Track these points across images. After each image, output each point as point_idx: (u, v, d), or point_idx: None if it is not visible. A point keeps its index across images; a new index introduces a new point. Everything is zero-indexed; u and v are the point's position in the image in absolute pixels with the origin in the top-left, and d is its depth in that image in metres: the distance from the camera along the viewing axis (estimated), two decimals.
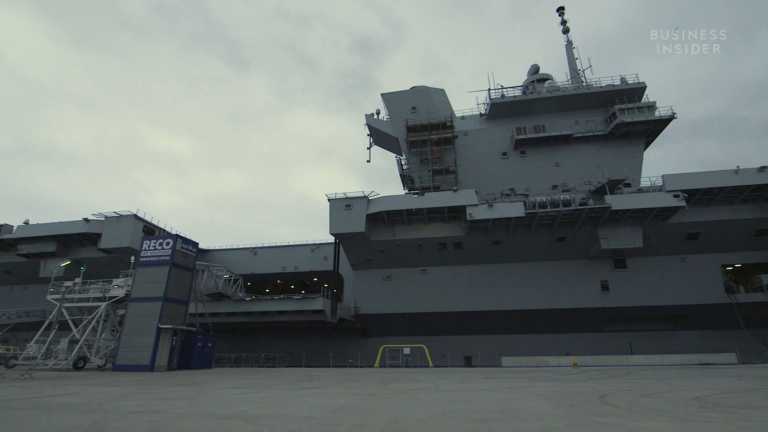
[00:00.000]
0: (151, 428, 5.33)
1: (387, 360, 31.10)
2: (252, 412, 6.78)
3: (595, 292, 31.13)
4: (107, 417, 6.24)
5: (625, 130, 34.23)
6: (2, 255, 39.95)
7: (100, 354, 24.41)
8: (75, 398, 8.94)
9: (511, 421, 5.68)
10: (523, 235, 30.98)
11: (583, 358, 27.56)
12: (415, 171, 37.91)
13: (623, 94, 35.29)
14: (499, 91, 38.16)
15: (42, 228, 37.43)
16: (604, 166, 33.01)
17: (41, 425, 5.54)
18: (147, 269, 24.24)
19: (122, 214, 34.90)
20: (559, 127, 35.80)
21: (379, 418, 5.99)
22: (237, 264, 39.51)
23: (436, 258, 33.02)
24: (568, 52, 43.07)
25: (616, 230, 29.84)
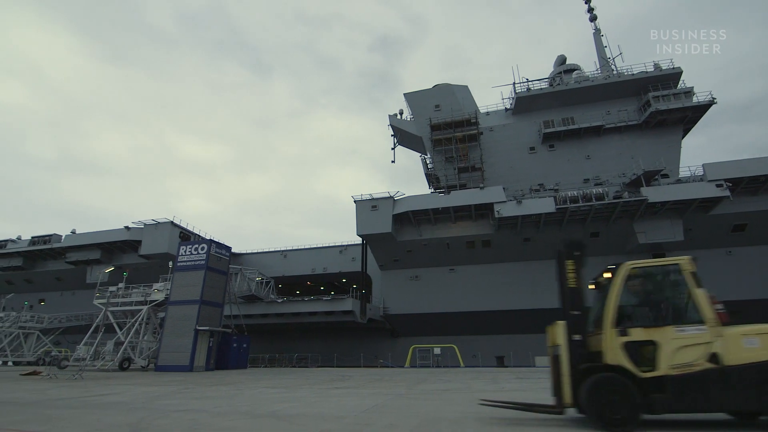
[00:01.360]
0: (191, 426, 5.56)
1: (417, 360, 31.00)
2: (286, 411, 6.94)
3: None
4: (151, 415, 6.55)
5: (660, 119, 32.63)
6: (52, 263, 42.67)
7: (143, 355, 25.61)
8: (121, 397, 9.44)
9: (545, 422, 5.56)
10: (554, 231, 30.10)
11: None
12: (441, 169, 37.59)
13: (657, 80, 33.66)
14: (525, 84, 37.28)
15: (87, 237, 39.68)
16: (639, 157, 31.59)
17: (91, 422, 5.88)
18: (184, 273, 25.23)
19: (160, 222, 36.49)
20: (590, 119, 34.54)
21: (410, 419, 6.00)
22: (268, 266, 40.46)
23: (465, 257, 32.62)
24: (596, 40, 41.55)
25: (655, 224, 28.50)
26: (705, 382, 4.82)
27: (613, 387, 5.05)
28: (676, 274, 5.55)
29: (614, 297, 5.55)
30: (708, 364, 4.87)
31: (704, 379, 4.83)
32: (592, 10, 42.61)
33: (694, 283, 5.35)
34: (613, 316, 5.43)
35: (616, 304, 5.51)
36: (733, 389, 4.73)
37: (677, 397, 4.88)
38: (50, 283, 44.33)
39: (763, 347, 4.79)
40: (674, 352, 5.01)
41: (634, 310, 5.63)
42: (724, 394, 4.77)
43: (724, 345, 4.90)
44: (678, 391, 4.88)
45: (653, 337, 5.16)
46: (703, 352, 4.95)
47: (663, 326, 5.20)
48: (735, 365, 4.79)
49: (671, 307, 5.45)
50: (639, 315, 5.59)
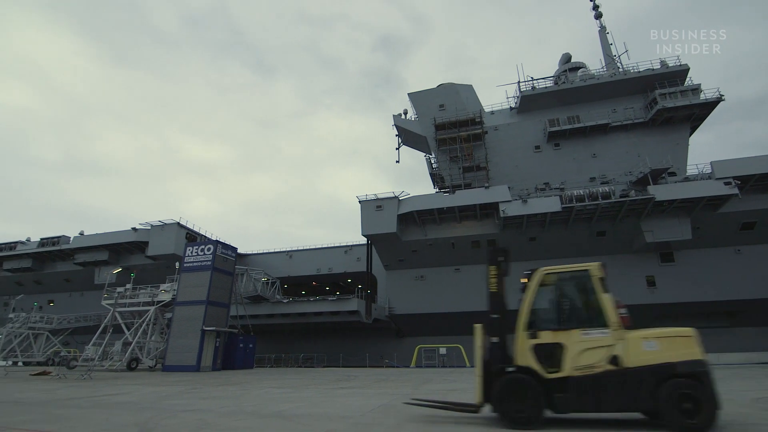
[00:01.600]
0: (198, 426, 5.60)
1: (423, 360, 30.96)
2: (292, 411, 6.97)
3: (640, 288, 29.59)
4: (159, 415, 6.60)
5: (667, 116, 32.32)
6: (61, 264, 43.13)
7: (151, 355, 25.83)
8: (129, 397, 9.52)
9: (554, 423, 5.53)
10: (560, 230, 29.93)
11: None
12: (445, 169, 37.50)
13: (664, 78, 33.33)
14: (529, 83, 37.08)
15: (95, 238, 40.06)
16: (646, 155, 31.30)
17: (100, 422, 5.94)
18: (190, 274, 25.41)
19: (166, 223, 36.76)
20: (595, 117, 34.29)
21: (416, 419, 5.99)
22: (274, 267, 40.60)
23: (470, 256, 32.51)
24: (602, 38, 41.24)
25: (662, 222, 28.24)
26: (604, 383, 5.01)
27: (520, 387, 5.29)
28: (586, 280, 5.66)
29: (527, 301, 5.84)
30: (608, 366, 5.06)
31: (603, 380, 5.02)
32: (597, 7, 42.31)
33: (601, 289, 5.48)
34: (525, 320, 5.70)
35: (529, 308, 5.78)
36: (629, 390, 4.92)
37: (578, 397, 5.09)
38: (59, 285, 44.82)
39: (661, 350, 4.97)
40: (578, 354, 5.21)
41: (546, 313, 5.77)
42: (621, 395, 4.96)
43: (624, 348, 5.08)
44: (579, 391, 5.08)
45: (560, 340, 5.36)
46: (604, 354, 5.13)
47: (570, 329, 5.40)
48: (633, 367, 4.97)
49: (579, 311, 5.67)
50: (549, 318, 5.72)
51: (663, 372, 4.88)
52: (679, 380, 4.82)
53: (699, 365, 4.89)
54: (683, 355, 4.94)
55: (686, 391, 4.76)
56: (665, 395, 4.78)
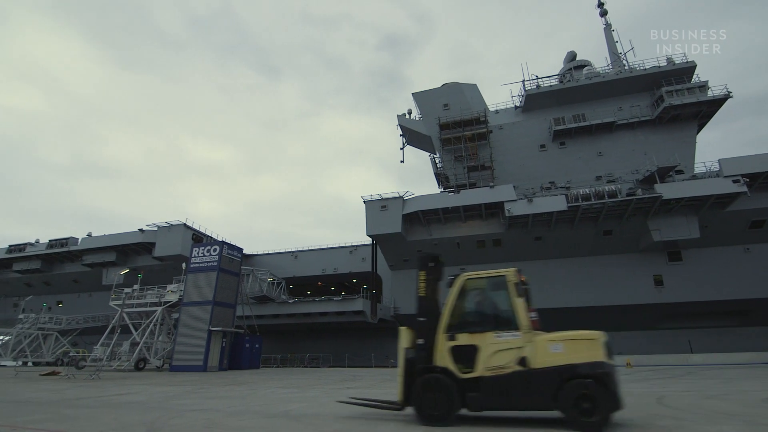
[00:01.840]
0: (206, 426, 5.63)
1: None
2: (299, 411, 6.98)
3: (647, 288, 29.35)
4: (166, 415, 6.65)
5: (674, 114, 32.03)
6: (70, 265, 43.60)
7: (158, 355, 26.02)
8: (137, 397, 9.60)
9: (563, 423, 5.49)
10: (566, 229, 29.76)
11: (636, 358, 26.05)
12: (450, 169, 37.42)
13: (670, 75, 33.02)
14: (534, 81, 36.91)
15: (103, 240, 40.44)
16: (653, 153, 31.03)
17: (108, 422, 6.00)
18: (197, 275, 25.57)
19: (173, 224, 37.01)
20: (601, 115, 34.06)
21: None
22: (279, 267, 40.75)
23: (475, 256, 32.41)
24: (607, 36, 40.95)
25: (669, 221, 27.98)
26: (513, 383, 5.27)
27: (436, 386, 5.55)
28: (503, 285, 5.89)
29: (449, 305, 6.01)
30: (517, 367, 5.29)
31: (512, 380, 5.27)
32: (603, 4, 42.04)
33: (515, 293, 5.68)
34: (446, 323, 5.87)
35: (450, 311, 5.95)
36: (535, 390, 5.16)
37: (488, 396, 5.36)
38: (68, 285, 45.29)
39: (566, 352, 5.17)
40: (491, 356, 5.46)
41: (464, 317, 5.99)
42: (527, 394, 5.21)
43: (532, 350, 5.30)
44: (490, 391, 5.35)
45: (475, 342, 5.59)
46: (514, 355, 5.36)
47: (484, 332, 5.63)
48: (539, 368, 5.18)
49: (494, 315, 5.95)
50: (467, 322, 5.93)
51: (566, 373, 5.05)
52: (580, 381, 4.97)
53: (600, 367, 5.04)
54: (586, 357, 5.11)
55: (585, 391, 4.93)
56: (566, 395, 4.98)
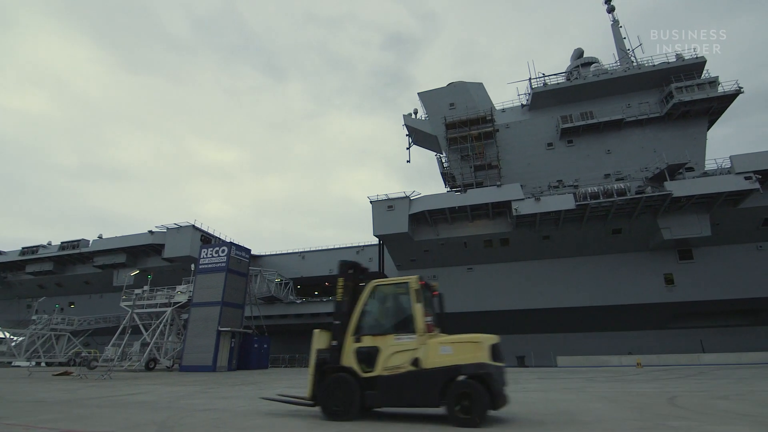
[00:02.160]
0: (215, 425, 5.68)
1: None
2: (308, 411, 7.01)
3: (658, 286, 29.00)
4: (177, 414, 6.72)
5: (684, 110, 31.59)
6: (81, 267, 44.22)
7: (168, 355, 26.28)
8: (148, 396, 9.71)
9: (571, 424, 5.47)
10: (575, 228, 29.51)
11: (647, 357, 25.76)
12: (456, 168, 37.29)
13: (680, 71, 32.57)
14: (541, 79, 36.65)
15: (113, 241, 40.95)
16: (662, 150, 30.65)
17: (120, 421, 6.07)
18: (206, 276, 25.78)
19: (182, 226, 37.37)
20: (609, 112, 33.72)
21: (429, 418, 5.98)
22: (287, 268, 40.93)
23: (483, 256, 32.29)
24: (615, 32, 40.51)
25: (680, 219, 27.61)
26: (405, 382, 5.68)
27: (339, 384, 6.01)
28: (405, 291, 6.25)
29: (358, 309, 6.41)
30: (410, 367, 5.71)
31: (405, 379, 5.69)
32: (609, 1, 41.58)
33: (415, 299, 6.04)
34: (354, 326, 6.31)
35: (358, 315, 6.36)
36: (424, 388, 5.57)
37: (384, 394, 5.79)
38: (79, 287, 45.94)
39: (453, 354, 5.58)
40: (389, 357, 5.88)
41: (370, 320, 6.40)
42: (417, 392, 5.62)
43: (425, 351, 5.70)
44: (386, 389, 5.78)
45: (377, 344, 6.03)
46: (409, 357, 5.76)
47: (385, 335, 6.08)
48: (429, 368, 5.59)
49: (395, 319, 6.34)
50: (372, 325, 6.35)
51: (451, 373, 5.46)
52: (463, 380, 5.39)
53: (482, 368, 5.40)
54: (470, 358, 5.48)
55: (465, 390, 5.35)
56: (449, 393, 5.40)
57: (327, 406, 6.06)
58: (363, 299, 6.46)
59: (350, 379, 5.97)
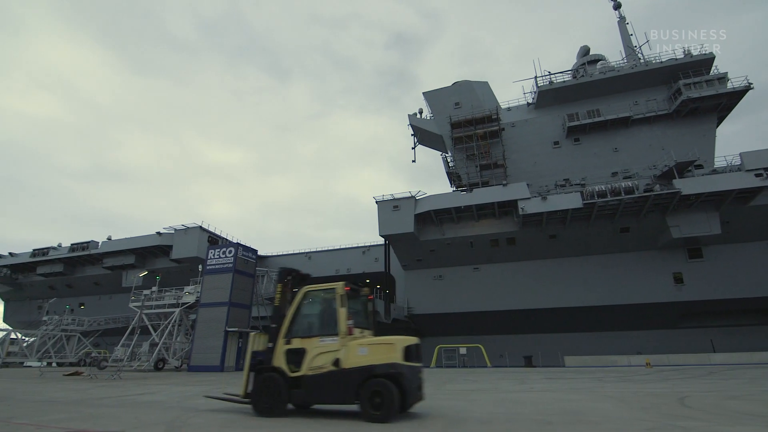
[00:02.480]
0: (224, 425, 5.72)
1: (443, 360, 30.79)
2: (314, 410, 7.04)
3: (667, 286, 28.70)
4: (185, 414, 6.78)
5: (692, 107, 31.22)
6: (91, 268, 44.75)
7: (177, 356, 26.48)
8: (157, 396, 9.80)
9: (579, 424, 5.43)
10: (582, 227, 29.30)
11: (656, 357, 25.48)
12: (462, 167, 37.20)
13: (688, 67, 32.19)
14: (547, 77, 36.43)
15: (122, 243, 41.38)
16: (671, 147, 30.33)
17: (130, 420, 6.14)
18: (213, 276, 25.94)
19: (189, 227, 37.65)
20: (616, 110, 33.43)
21: (437, 420, 5.98)
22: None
23: (489, 255, 32.18)
24: (621, 29, 40.16)
25: (689, 217, 27.31)
26: (327, 381, 6.13)
27: (269, 383, 6.46)
28: (332, 296, 6.71)
29: (290, 313, 6.84)
30: (331, 367, 6.15)
31: (327, 378, 6.14)
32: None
33: (340, 304, 6.49)
34: (285, 329, 6.76)
35: (290, 319, 6.80)
36: (343, 386, 6.00)
37: (308, 392, 6.24)
38: (89, 288, 46.48)
39: (369, 355, 6.00)
40: (314, 357, 6.34)
41: (299, 323, 6.86)
42: (337, 390, 6.07)
43: (345, 352, 6.14)
44: (310, 387, 6.23)
45: (305, 346, 6.50)
46: (331, 357, 6.21)
47: (312, 337, 6.55)
48: (348, 368, 6.02)
49: (321, 322, 6.78)
50: (301, 328, 6.81)
51: (366, 372, 5.87)
52: (376, 379, 5.79)
53: (394, 368, 5.83)
54: (383, 359, 5.91)
55: (377, 388, 5.74)
56: (363, 391, 5.80)
57: (257, 404, 6.53)
58: (295, 304, 6.92)
59: (279, 379, 6.43)
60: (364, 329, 7.01)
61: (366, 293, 7.51)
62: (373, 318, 7.45)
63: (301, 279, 7.72)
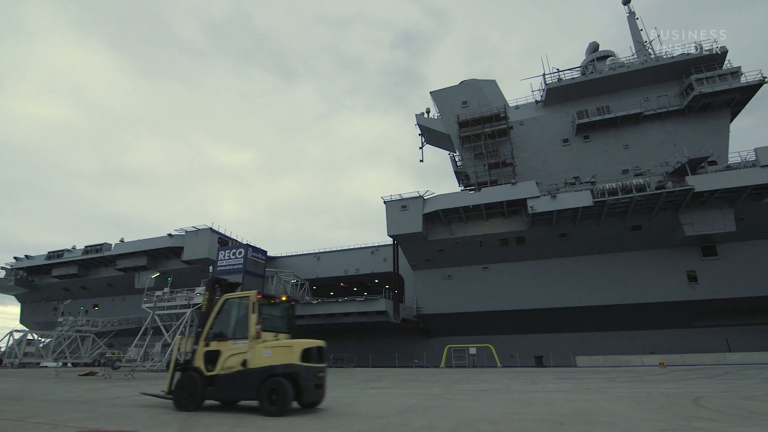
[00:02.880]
0: (236, 424, 5.78)
1: (453, 360, 30.71)
2: (325, 410, 7.07)
3: (680, 284, 28.24)
4: (197, 413, 6.87)
5: (705, 102, 30.67)
6: (104, 270, 45.45)
7: None
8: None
9: (592, 425, 5.38)
10: (593, 225, 28.97)
11: (670, 357, 25.12)
12: (470, 166, 37.03)
13: (700, 62, 31.64)
14: (555, 75, 36.10)
15: (134, 245, 41.97)
16: (683, 144, 29.85)
17: (143, 420, 6.24)
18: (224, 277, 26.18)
19: (199, 228, 38.04)
20: (627, 106, 33.00)
21: (448, 419, 5.96)
22: (302, 269, 41.26)
23: (498, 254, 31.98)
24: (631, 24, 39.62)
25: (703, 214, 26.83)
26: (235, 379, 6.98)
27: (187, 381, 7.35)
28: (246, 303, 7.54)
29: (210, 319, 7.76)
30: (240, 367, 7.00)
31: (235, 377, 6.98)
32: None
33: (252, 310, 7.30)
34: (206, 332, 7.70)
35: (210, 324, 7.74)
36: (248, 384, 6.82)
37: (220, 389, 7.10)
38: (103, 289, 47.24)
39: (271, 356, 6.84)
40: (227, 359, 7.18)
41: (218, 328, 7.76)
42: (243, 388, 6.94)
43: (251, 354, 6.98)
44: (221, 385, 7.08)
45: (220, 348, 7.39)
46: (240, 358, 7.04)
47: (226, 340, 7.43)
48: (253, 368, 6.85)
49: (235, 327, 7.62)
50: (218, 332, 7.68)
51: (267, 372, 6.67)
52: (274, 378, 6.58)
53: (291, 368, 6.65)
54: (282, 360, 6.73)
55: (274, 386, 6.51)
56: (263, 388, 6.58)
57: (177, 400, 7.34)
58: (215, 310, 7.80)
59: (196, 377, 7.29)
60: (281, 333, 7.93)
61: (286, 300, 8.49)
62: (293, 323, 8.44)
63: (228, 287, 8.67)
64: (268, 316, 7.86)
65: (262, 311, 7.61)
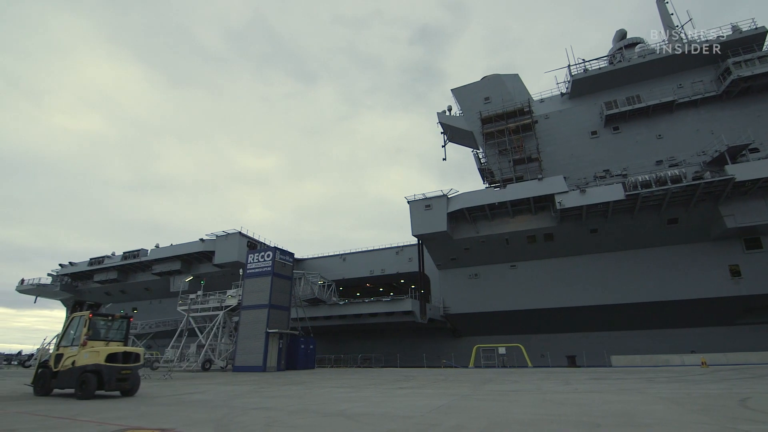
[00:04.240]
0: (268, 423, 5.92)
1: (482, 360, 30.28)
2: (354, 410, 7.14)
3: (723, 279, 26.80)
4: (232, 412, 7.07)
5: (743, 87, 28.99)
6: (142, 275, 47.58)
7: (222, 356, 27.64)
8: (205, 396, 10.28)
9: (630, 427, 5.19)
10: (626, 220, 27.92)
11: (713, 356, 23.85)
12: (495, 163, 36.44)
13: (737, 45, 29.95)
14: (581, 65, 35.04)
15: (168, 250, 43.74)
16: (721, 131, 28.35)
17: (182, 419, 6.48)
18: (253, 280, 26.86)
19: (229, 233, 39.21)
20: (659, 95, 31.63)
21: (478, 420, 5.90)
22: (329, 270, 41.79)
23: (526, 252, 31.32)
24: (660, 8, 37.94)
25: (745, 205, 25.38)
26: (67, 374, 9.99)
27: (41, 375, 10.65)
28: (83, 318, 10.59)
29: (63, 330, 11.09)
30: (70, 366, 9.98)
31: (67, 372, 10.01)
32: None
33: (83, 325, 10.46)
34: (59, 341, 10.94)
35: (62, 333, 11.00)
36: (73, 378, 9.71)
37: (60, 381, 10.18)
38: (141, 293, 49.42)
39: (88, 358, 9.73)
40: (65, 359, 10.20)
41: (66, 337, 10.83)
42: (71, 380, 9.78)
43: (78, 356, 9.95)
44: (60, 378, 10.16)
45: (64, 352, 10.42)
46: (72, 359, 10.02)
47: (68, 347, 10.48)
48: (76, 366, 9.81)
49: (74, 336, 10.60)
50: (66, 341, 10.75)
51: (82, 369, 9.63)
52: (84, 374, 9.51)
53: (96, 366, 9.53)
54: (92, 361, 9.67)
55: (84, 379, 9.47)
56: (78, 380, 9.58)
57: (35, 388, 10.61)
58: (66, 324, 11.07)
59: (47, 372, 10.44)
60: (114, 341, 10.98)
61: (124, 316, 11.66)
62: (128, 334, 11.87)
63: (90, 307, 11.73)
64: (104, 329, 11.07)
65: (98, 325, 10.89)
